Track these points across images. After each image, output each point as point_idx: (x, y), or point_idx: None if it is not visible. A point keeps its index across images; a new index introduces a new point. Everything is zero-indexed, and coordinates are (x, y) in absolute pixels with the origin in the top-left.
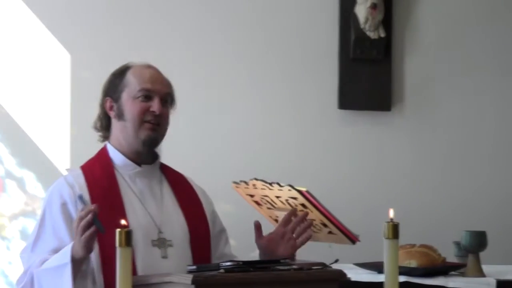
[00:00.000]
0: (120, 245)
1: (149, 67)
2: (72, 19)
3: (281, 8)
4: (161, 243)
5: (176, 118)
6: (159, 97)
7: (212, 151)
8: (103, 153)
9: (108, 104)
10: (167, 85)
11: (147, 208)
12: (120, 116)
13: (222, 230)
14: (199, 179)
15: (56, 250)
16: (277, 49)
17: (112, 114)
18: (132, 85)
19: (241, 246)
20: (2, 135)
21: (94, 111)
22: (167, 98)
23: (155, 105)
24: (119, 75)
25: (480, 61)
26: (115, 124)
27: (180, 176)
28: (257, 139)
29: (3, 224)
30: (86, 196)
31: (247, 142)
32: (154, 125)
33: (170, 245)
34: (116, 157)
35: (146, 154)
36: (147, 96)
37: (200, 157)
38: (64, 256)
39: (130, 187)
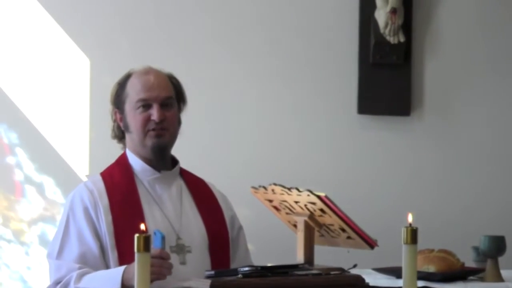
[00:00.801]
0: (139, 250)
1: (147, 73)
2: (91, 24)
3: (301, 12)
4: (179, 249)
5: (195, 123)
6: (158, 103)
7: (231, 156)
8: (123, 159)
9: (117, 116)
10: (166, 88)
11: (166, 214)
12: (127, 128)
13: (240, 228)
14: (218, 184)
15: (82, 256)
16: (297, 53)
17: (121, 125)
18: (131, 96)
19: (259, 251)
20: (22, 140)
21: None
22: (169, 101)
23: (154, 113)
24: (122, 85)
25: (501, 65)
26: (126, 135)
27: (200, 182)
28: (276, 144)
29: (22, 230)
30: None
31: (266, 147)
32: (159, 131)
33: (189, 251)
34: (136, 163)
35: (162, 161)
36: (146, 105)
37: (219, 162)
38: (114, 281)
39: (149, 193)
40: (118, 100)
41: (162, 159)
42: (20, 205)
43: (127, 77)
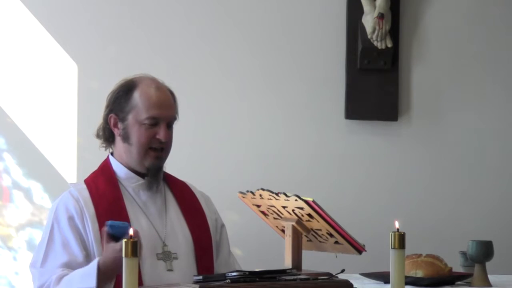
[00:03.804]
0: (126, 255)
1: (157, 88)
2: (79, 30)
3: (288, 18)
4: (166, 256)
5: (183, 128)
6: (165, 122)
7: (218, 161)
8: (106, 166)
9: (112, 121)
10: (172, 107)
11: (151, 221)
12: (126, 138)
13: (222, 226)
14: (206, 189)
15: (66, 265)
16: (284, 59)
17: (116, 131)
18: (139, 109)
19: (247, 256)
20: (9, 145)
21: (100, 122)
22: (173, 121)
23: (161, 133)
24: (126, 93)
25: (488, 71)
26: (120, 143)
27: (183, 185)
28: (264, 149)
29: (10, 235)
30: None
31: (254, 152)
32: (159, 153)
33: (175, 258)
34: (120, 170)
35: (155, 178)
36: (154, 123)
37: (207, 167)
38: (90, 270)
39: (134, 200)
40: (120, 109)
41: (156, 176)
42: (8, 210)
43: (132, 86)
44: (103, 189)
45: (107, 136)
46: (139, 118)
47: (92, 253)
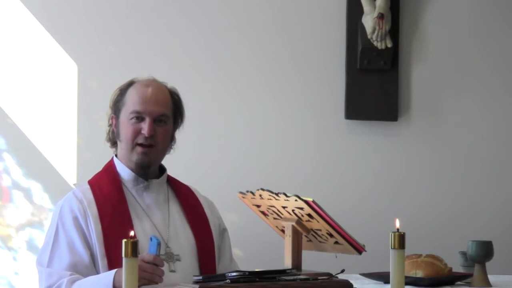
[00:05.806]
0: (126, 255)
1: (148, 85)
2: (79, 30)
3: (288, 18)
4: (168, 257)
5: (182, 129)
6: (151, 118)
7: (218, 162)
8: (110, 167)
9: (114, 122)
10: (163, 104)
11: (154, 223)
12: (118, 135)
13: (224, 230)
14: (206, 189)
15: (72, 266)
16: (284, 59)
17: (115, 131)
18: (127, 105)
19: (247, 256)
20: (9, 145)
21: (100, 122)
22: (163, 118)
23: (145, 127)
24: (122, 91)
25: (488, 71)
26: (118, 142)
27: (186, 189)
28: (264, 150)
29: (10, 235)
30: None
31: (254, 152)
32: (146, 148)
33: (178, 259)
34: (123, 171)
35: (145, 175)
36: (139, 117)
37: (207, 168)
38: (105, 283)
39: (137, 202)
40: (116, 106)
41: (145, 173)
42: (8, 211)
43: (129, 85)
44: (107, 191)
45: (114, 139)
46: (126, 114)
47: (95, 253)
